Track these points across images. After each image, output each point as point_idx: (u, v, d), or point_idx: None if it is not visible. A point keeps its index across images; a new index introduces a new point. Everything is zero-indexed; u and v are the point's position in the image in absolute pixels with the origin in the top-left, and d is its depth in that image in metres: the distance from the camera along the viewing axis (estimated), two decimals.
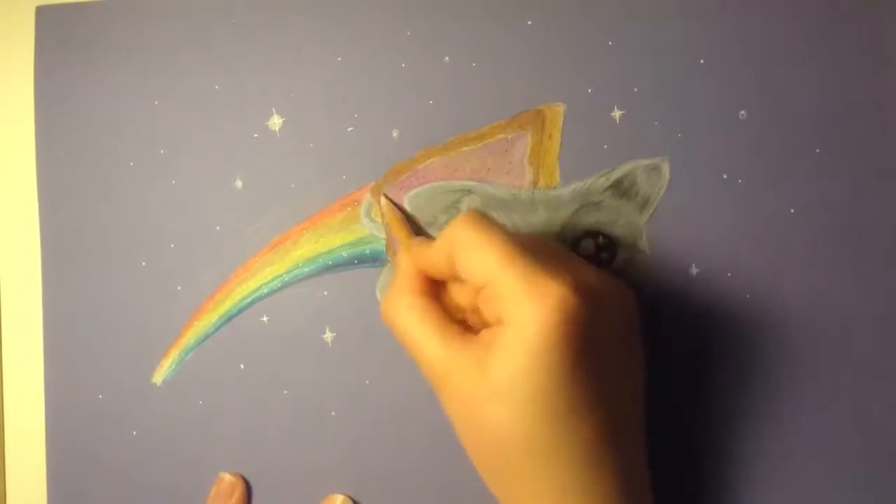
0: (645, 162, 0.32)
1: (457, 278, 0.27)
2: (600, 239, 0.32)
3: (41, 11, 0.35)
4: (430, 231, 0.33)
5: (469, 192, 0.33)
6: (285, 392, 0.34)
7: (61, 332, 0.35)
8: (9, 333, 0.35)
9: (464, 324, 0.27)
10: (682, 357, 0.32)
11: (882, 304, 0.32)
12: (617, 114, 0.32)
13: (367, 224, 0.33)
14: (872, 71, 0.32)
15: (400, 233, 0.32)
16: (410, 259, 0.29)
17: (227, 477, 0.33)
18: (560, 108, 0.33)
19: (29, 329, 0.35)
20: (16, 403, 0.35)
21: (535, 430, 0.24)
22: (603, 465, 0.25)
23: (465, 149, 0.33)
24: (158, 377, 0.34)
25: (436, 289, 0.29)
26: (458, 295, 0.28)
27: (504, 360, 0.24)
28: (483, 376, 0.25)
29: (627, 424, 0.27)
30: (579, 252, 0.32)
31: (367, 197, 0.34)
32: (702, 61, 0.32)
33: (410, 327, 0.27)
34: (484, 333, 0.26)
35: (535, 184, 0.33)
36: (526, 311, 0.24)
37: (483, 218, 0.26)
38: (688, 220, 0.32)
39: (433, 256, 0.28)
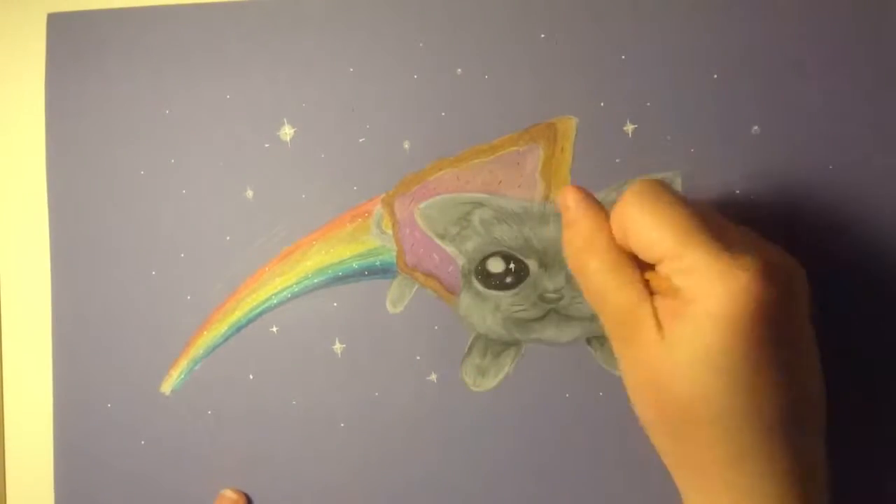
0: (657, 176, 0.32)
1: (635, 254, 0.26)
2: None
3: (53, 18, 0.35)
4: (442, 243, 0.33)
5: (480, 204, 0.33)
6: (294, 403, 0.34)
7: (71, 340, 0.34)
8: (17, 340, 0.35)
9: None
10: None
11: (892, 320, 0.31)
12: (629, 128, 0.32)
13: (378, 235, 0.33)
14: (887, 87, 0.32)
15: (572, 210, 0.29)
16: (595, 216, 0.27)
17: (230, 494, 0.33)
18: (572, 122, 0.33)
19: (38, 337, 0.35)
20: (22, 411, 0.35)
21: (721, 404, 0.24)
22: (782, 444, 0.25)
23: (476, 161, 0.33)
24: (167, 387, 0.34)
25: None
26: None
27: (694, 335, 0.24)
28: (670, 347, 0.24)
29: (810, 408, 0.26)
30: None
31: (377, 208, 0.33)
32: (715, 76, 0.32)
33: (602, 272, 0.26)
34: (667, 302, 0.25)
35: (546, 197, 0.33)
36: (718, 288, 0.23)
37: (655, 189, 0.26)
38: None
39: (605, 235, 0.27)
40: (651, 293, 0.26)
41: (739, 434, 0.24)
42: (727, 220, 0.27)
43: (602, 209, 0.27)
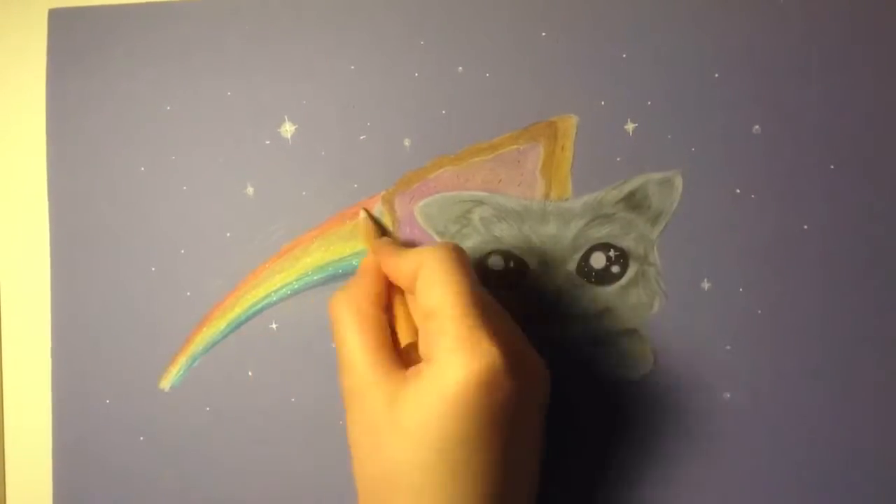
0: (657, 175, 0.32)
1: (412, 292, 0.28)
2: (611, 252, 0.32)
3: (54, 14, 0.35)
4: (441, 240, 0.33)
5: (480, 202, 0.33)
6: (293, 400, 0.34)
7: (70, 335, 0.34)
8: (16, 336, 0.35)
9: (397, 350, 0.28)
10: (693, 371, 0.32)
11: (895, 320, 0.31)
12: (630, 126, 0.32)
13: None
14: (887, 88, 0.32)
15: (368, 237, 0.32)
16: (378, 256, 0.30)
17: None
18: (573, 120, 0.33)
19: (37, 332, 0.35)
20: (21, 407, 0.35)
21: (429, 474, 0.25)
22: None
23: (477, 159, 0.33)
24: (166, 383, 0.34)
25: (389, 298, 0.29)
26: (408, 308, 0.29)
27: (418, 396, 0.25)
28: (393, 407, 0.25)
29: (519, 493, 0.27)
30: (589, 265, 0.32)
31: (378, 205, 0.33)
32: (716, 75, 0.32)
33: (348, 332, 0.27)
34: (410, 371, 0.26)
35: (546, 195, 0.33)
36: (456, 358, 0.24)
37: (461, 256, 0.27)
38: (700, 234, 0.32)
39: (401, 264, 0.28)
40: (400, 357, 0.27)
41: None
42: (509, 317, 0.29)
43: (382, 281, 0.29)
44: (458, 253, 0.27)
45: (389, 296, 0.29)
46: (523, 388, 0.26)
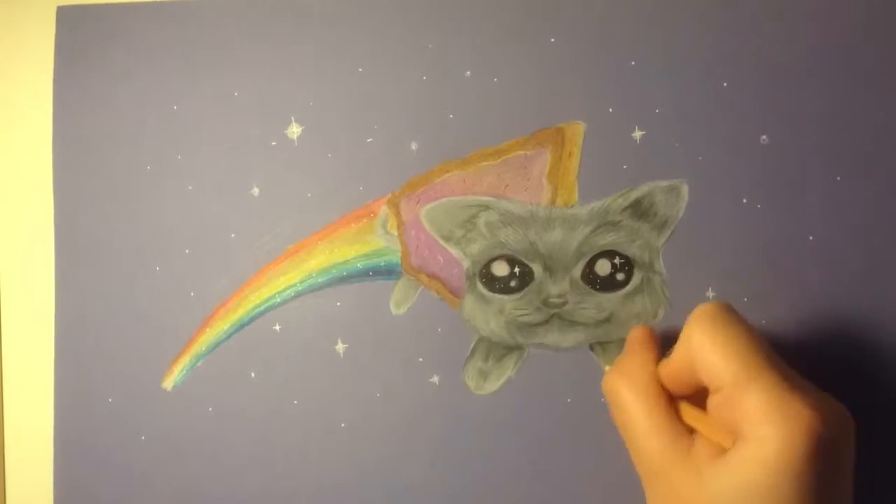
0: (664, 183, 0.32)
1: (698, 387, 0.26)
2: (616, 259, 0.32)
3: (62, 12, 0.35)
4: (447, 245, 0.33)
5: (486, 207, 0.33)
6: (295, 402, 0.34)
7: (73, 334, 0.34)
8: (19, 333, 0.35)
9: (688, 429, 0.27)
10: None
11: None
12: (637, 134, 0.32)
13: (383, 236, 0.33)
14: (895, 99, 0.32)
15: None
16: (649, 355, 0.28)
17: None
18: (580, 127, 0.33)
19: (40, 330, 0.35)
20: (22, 405, 0.35)
21: None
22: None
23: (483, 164, 0.33)
24: (169, 383, 0.34)
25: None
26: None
27: (736, 470, 0.24)
28: (703, 483, 0.24)
29: None
30: (594, 272, 0.32)
31: (383, 209, 0.33)
32: (725, 84, 0.32)
33: (637, 413, 0.26)
34: (705, 443, 0.25)
35: (553, 201, 0.33)
36: (772, 429, 0.23)
37: (725, 313, 0.26)
38: (705, 243, 0.32)
39: (675, 363, 0.27)
40: (691, 431, 0.26)
41: None
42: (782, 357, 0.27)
43: (656, 351, 0.28)
44: (724, 308, 0.26)
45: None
46: (843, 440, 0.24)
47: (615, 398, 0.27)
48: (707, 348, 0.25)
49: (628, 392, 0.27)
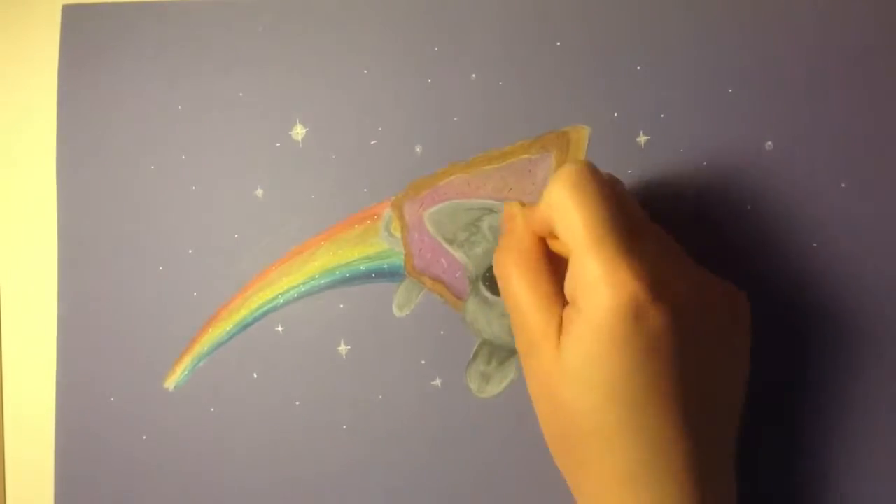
0: (668, 188, 0.32)
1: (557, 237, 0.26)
2: None
3: (68, 10, 0.35)
4: (450, 248, 0.33)
5: (490, 210, 0.33)
6: (297, 403, 0.34)
7: (75, 333, 0.34)
8: (21, 332, 0.35)
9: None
10: None
11: None
12: (642, 139, 0.32)
13: (387, 238, 0.33)
14: None
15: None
16: (521, 215, 0.28)
17: None
18: (585, 131, 0.33)
19: (42, 329, 0.35)
20: (23, 404, 0.35)
21: (603, 414, 0.24)
22: (675, 456, 0.24)
23: (488, 167, 0.33)
24: (171, 383, 0.34)
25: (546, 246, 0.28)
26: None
27: (575, 343, 0.24)
28: (561, 356, 0.25)
29: (709, 422, 0.26)
30: None
31: (387, 211, 0.33)
32: (730, 90, 0.32)
33: (521, 288, 0.26)
34: (569, 312, 0.25)
35: None
36: (597, 298, 0.23)
37: (586, 174, 0.25)
38: (709, 249, 0.32)
39: (538, 212, 0.27)
40: (564, 303, 0.26)
41: (626, 450, 0.24)
42: (654, 223, 0.28)
43: (531, 221, 0.28)
44: (583, 173, 0.25)
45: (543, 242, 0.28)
46: (684, 314, 0.24)
47: (502, 275, 0.27)
48: (561, 209, 0.25)
49: (515, 268, 0.27)
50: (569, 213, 0.25)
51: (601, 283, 0.24)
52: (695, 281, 0.27)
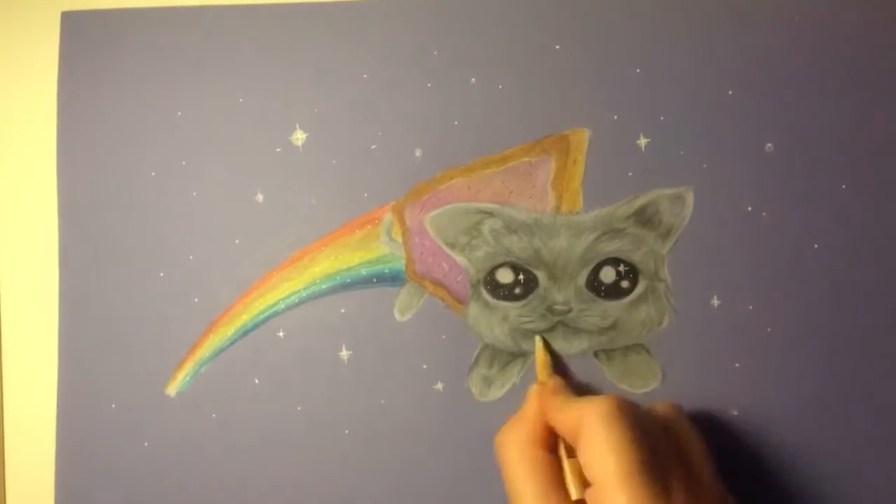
0: (669, 191, 0.32)
1: (577, 447, 0.27)
2: (621, 267, 0.32)
3: (67, 17, 0.35)
4: (451, 252, 0.33)
5: (491, 214, 0.33)
6: (299, 408, 0.33)
7: (76, 339, 0.34)
8: (22, 337, 0.35)
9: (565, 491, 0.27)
10: (701, 387, 0.32)
11: None
12: (642, 142, 0.32)
13: (388, 243, 0.33)
14: None
15: (542, 371, 0.32)
16: (541, 407, 0.29)
17: None
18: (585, 134, 0.33)
19: (43, 335, 0.35)
20: (24, 409, 0.35)
21: None
22: None
23: (488, 171, 0.33)
24: (172, 389, 0.34)
25: (555, 438, 0.29)
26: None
27: None
28: None
29: None
30: (599, 279, 0.32)
31: (388, 215, 0.33)
32: (730, 92, 0.32)
33: (518, 476, 0.27)
34: None
35: (557, 208, 0.33)
36: None
37: (622, 413, 0.26)
38: (710, 251, 0.32)
39: (563, 418, 0.27)
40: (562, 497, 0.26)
41: None
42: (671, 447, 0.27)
43: (549, 390, 0.29)
44: (620, 409, 0.26)
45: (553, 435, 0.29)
46: None
47: (505, 458, 0.28)
48: (592, 438, 0.25)
49: (518, 456, 0.28)
50: (603, 443, 0.25)
51: None
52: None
